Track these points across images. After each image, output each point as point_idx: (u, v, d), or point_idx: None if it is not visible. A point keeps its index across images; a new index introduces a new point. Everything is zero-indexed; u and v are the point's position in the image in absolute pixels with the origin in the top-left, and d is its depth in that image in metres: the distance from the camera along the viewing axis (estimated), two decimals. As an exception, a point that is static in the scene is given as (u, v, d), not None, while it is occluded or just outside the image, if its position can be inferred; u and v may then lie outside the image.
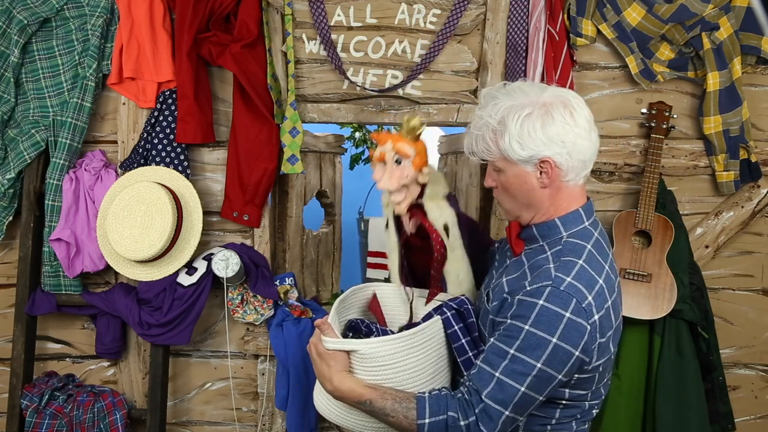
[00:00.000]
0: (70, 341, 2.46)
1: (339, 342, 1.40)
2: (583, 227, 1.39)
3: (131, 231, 2.16)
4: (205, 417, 2.48)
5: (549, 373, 1.27)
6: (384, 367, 1.37)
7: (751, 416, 2.45)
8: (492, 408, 1.28)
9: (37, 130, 2.33)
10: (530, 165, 1.36)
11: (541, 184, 1.37)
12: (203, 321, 2.39)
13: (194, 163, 2.37)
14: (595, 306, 1.28)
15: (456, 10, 2.27)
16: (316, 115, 2.37)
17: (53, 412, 2.28)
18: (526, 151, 1.33)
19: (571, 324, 1.26)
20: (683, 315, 2.23)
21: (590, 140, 1.34)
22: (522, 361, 1.27)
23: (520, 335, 1.28)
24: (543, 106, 1.33)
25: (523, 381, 1.27)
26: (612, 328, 1.34)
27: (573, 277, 1.29)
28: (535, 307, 1.27)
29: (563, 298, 1.27)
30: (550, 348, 1.26)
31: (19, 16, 2.29)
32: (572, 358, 1.28)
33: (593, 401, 1.42)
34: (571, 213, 1.39)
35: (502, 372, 1.28)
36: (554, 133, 1.32)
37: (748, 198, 2.38)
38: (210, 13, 2.24)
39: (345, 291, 1.65)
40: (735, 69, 2.27)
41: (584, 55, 2.36)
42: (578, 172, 1.36)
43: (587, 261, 1.32)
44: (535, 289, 1.29)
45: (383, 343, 1.38)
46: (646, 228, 2.27)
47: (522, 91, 1.37)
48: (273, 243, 2.44)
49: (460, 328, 1.45)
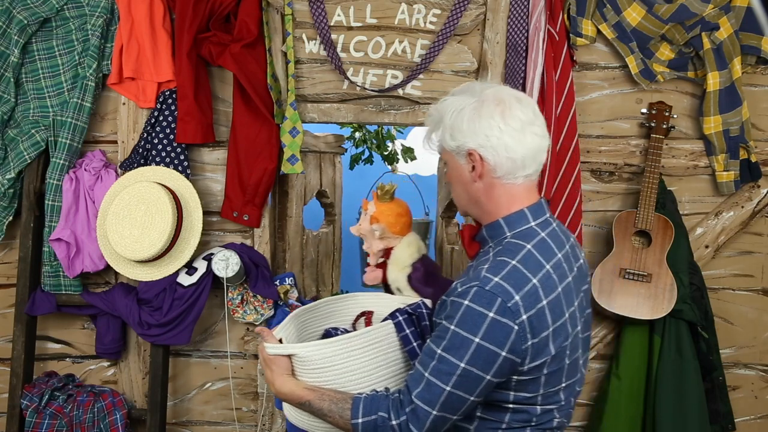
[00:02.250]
0: (70, 341, 2.46)
1: (278, 347, 1.46)
2: (528, 227, 1.40)
3: (131, 231, 2.16)
4: (205, 417, 2.48)
5: (475, 373, 1.28)
6: (323, 369, 1.41)
7: (751, 416, 2.45)
8: (420, 408, 1.30)
9: (37, 130, 2.33)
10: (461, 157, 1.41)
11: (473, 178, 1.41)
12: (203, 321, 2.39)
13: (194, 163, 2.38)
14: (523, 306, 1.28)
15: (456, 10, 2.27)
16: (316, 115, 2.37)
17: (53, 412, 2.28)
18: (454, 141, 1.40)
19: (495, 324, 1.27)
20: (683, 315, 2.23)
21: (520, 140, 1.36)
22: (447, 361, 1.29)
23: (446, 335, 1.30)
24: (477, 101, 1.39)
25: (448, 380, 1.29)
26: (549, 328, 1.32)
27: (501, 277, 1.29)
28: (461, 308, 1.29)
29: (488, 298, 1.28)
30: (473, 348, 1.27)
31: (19, 16, 2.29)
32: (498, 359, 1.28)
33: (546, 406, 1.39)
34: (516, 213, 1.41)
35: (430, 372, 1.30)
36: (478, 126, 1.37)
37: (748, 198, 2.38)
38: (210, 13, 2.24)
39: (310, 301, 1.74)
40: (735, 69, 2.27)
41: (584, 55, 2.36)
42: (509, 170, 1.38)
43: (522, 261, 1.33)
44: (463, 290, 1.31)
45: (320, 347, 1.42)
46: (646, 228, 2.27)
47: (470, 90, 1.43)
48: (273, 243, 2.44)
49: (412, 331, 1.47)
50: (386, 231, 1.93)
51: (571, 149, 2.28)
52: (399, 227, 1.95)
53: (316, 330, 1.65)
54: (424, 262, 1.87)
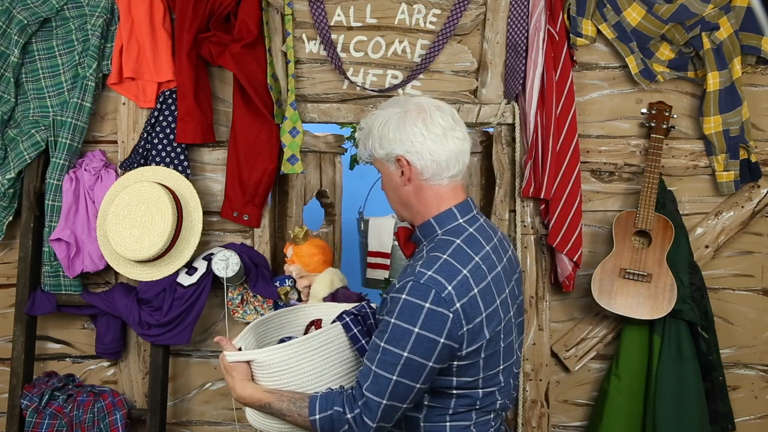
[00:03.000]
0: (70, 341, 2.46)
1: (237, 354, 1.54)
2: (456, 224, 1.50)
3: (131, 231, 2.16)
4: (205, 417, 2.48)
5: (418, 361, 1.36)
6: (280, 372, 1.49)
7: (751, 416, 2.45)
8: (371, 399, 1.38)
9: (37, 130, 2.33)
10: (391, 163, 1.52)
11: (402, 182, 1.51)
12: (203, 321, 2.39)
13: (194, 163, 2.38)
14: (456, 295, 1.37)
15: (456, 10, 2.27)
16: (316, 115, 2.37)
17: (53, 412, 2.28)
18: (383, 150, 1.51)
19: (431, 313, 1.36)
20: (683, 315, 2.23)
21: (442, 144, 1.47)
22: (390, 352, 1.37)
23: (388, 329, 1.38)
24: (401, 112, 1.49)
25: (393, 370, 1.37)
26: (482, 314, 1.41)
27: (434, 271, 1.39)
28: (399, 302, 1.38)
29: (422, 290, 1.37)
30: (413, 337, 1.36)
31: (19, 16, 2.29)
32: (438, 346, 1.37)
33: (488, 388, 1.48)
34: (445, 212, 1.51)
35: (376, 365, 1.39)
36: (403, 134, 1.48)
37: (748, 198, 2.38)
38: (210, 13, 2.24)
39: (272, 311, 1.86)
40: (735, 69, 2.27)
41: (584, 55, 2.36)
42: (435, 172, 1.48)
43: (452, 254, 1.42)
44: (400, 286, 1.40)
45: (276, 351, 1.51)
46: (646, 228, 2.27)
47: (396, 102, 1.54)
48: (273, 243, 2.44)
49: (359, 330, 1.54)
50: (302, 270, 2.25)
51: (571, 149, 2.28)
52: (313, 265, 2.26)
53: (271, 340, 1.76)
54: (337, 295, 2.16)
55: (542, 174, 2.26)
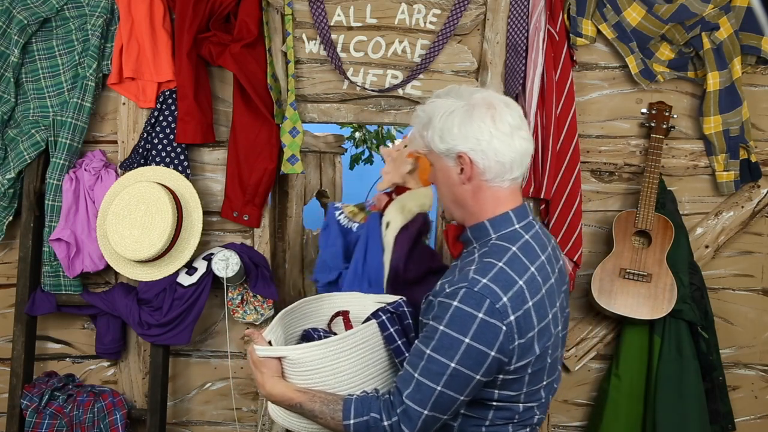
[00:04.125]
0: (70, 341, 2.46)
1: (268, 349, 1.46)
2: (512, 230, 1.42)
3: (131, 231, 2.16)
4: (205, 417, 2.48)
5: (465, 373, 1.30)
6: (313, 371, 1.42)
7: (751, 416, 2.45)
8: (411, 408, 1.31)
9: (37, 130, 2.33)
10: (450, 159, 1.42)
11: (461, 180, 1.42)
12: (203, 321, 2.39)
13: (194, 163, 2.38)
14: (510, 307, 1.30)
15: (456, 10, 2.27)
16: (316, 115, 2.37)
17: (53, 412, 2.28)
18: (444, 144, 1.41)
19: (484, 324, 1.29)
20: (683, 315, 2.23)
21: (509, 144, 1.38)
22: (436, 361, 1.30)
23: (435, 336, 1.31)
24: (468, 105, 1.40)
25: (438, 380, 1.30)
26: (534, 329, 1.35)
27: (489, 279, 1.31)
28: (450, 308, 1.31)
29: (476, 299, 1.30)
30: (463, 348, 1.29)
31: (19, 16, 2.29)
32: (488, 359, 1.30)
33: (528, 403, 1.42)
34: (501, 215, 1.43)
35: (420, 373, 1.32)
36: (469, 130, 1.38)
37: (748, 198, 2.38)
38: (210, 13, 2.24)
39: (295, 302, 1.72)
40: (735, 69, 2.27)
41: (584, 55, 2.36)
42: (498, 173, 1.40)
43: (508, 262, 1.35)
44: (452, 291, 1.32)
45: (309, 349, 1.43)
46: (646, 228, 2.27)
47: (459, 93, 1.45)
48: (273, 243, 2.44)
49: (396, 330, 1.49)
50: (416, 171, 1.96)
51: (571, 149, 2.28)
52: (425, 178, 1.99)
53: (295, 331, 1.67)
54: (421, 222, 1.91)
55: (542, 174, 2.26)
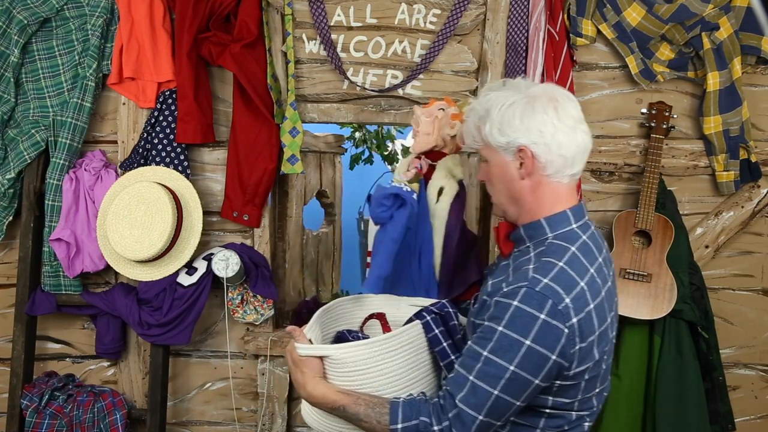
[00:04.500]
0: (70, 341, 2.46)
1: (311, 348, 1.40)
2: (569, 229, 1.37)
3: (131, 231, 2.16)
4: (205, 417, 2.48)
5: (524, 377, 1.24)
6: (357, 372, 1.36)
7: (751, 416, 2.45)
8: (465, 413, 1.25)
9: (37, 130, 2.33)
10: (510, 153, 1.37)
11: (520, 175, 1.37)
12: (203, 321, 2.39)
13: (194, 163, 2.37)
14: (573, 309, 1.25)
15: (456, 10, 2.27)
16: (316, 115, 2.37)
17: (53, 412, 2.28)
18: (504, 137, 1.35)
19: (546, 326, 1.23)
20: (683, 315, 2.23)
21: (572, 138, 1.34)
22: (495, 364, 1.24)
23: (493, 337, 1.25)
24: (528, 97, 1.35)
25: (496, 384, 1.24)
26: (595, 333, 1.29)
27: (550, 279, 1.26)
28: (509, 308, 1.25)
29: (538, 299, 1.24)
30: (523, 350, 1.23)
31: (19, 16, 2.29)
32: (548, 362, 1.24)
33: (582, 412, 1.37)
34: (558, 214, 1.37)
35: (475, 375, 1.26)
36: (532, 122, 1.33)
37: (748, 198, 2.38)
38: (210, 13, 2.24)
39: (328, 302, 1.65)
40: (735, 69, 2.27)
41: (584, 55, 2.36)
42: (559, 168, 1.35)
43: (569, 263, 1.30)
44: (511, 290, 1.27)
45: (355, 349, 1.37)
46: (646, 228, 2.27)
47: (515, 86, 1.40)
48: (273, 243, 2.44)
49: (440, 331, 1.44)
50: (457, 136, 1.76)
51: (571, 149, 2.27)
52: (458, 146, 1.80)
53: (329, 332, 1.60)
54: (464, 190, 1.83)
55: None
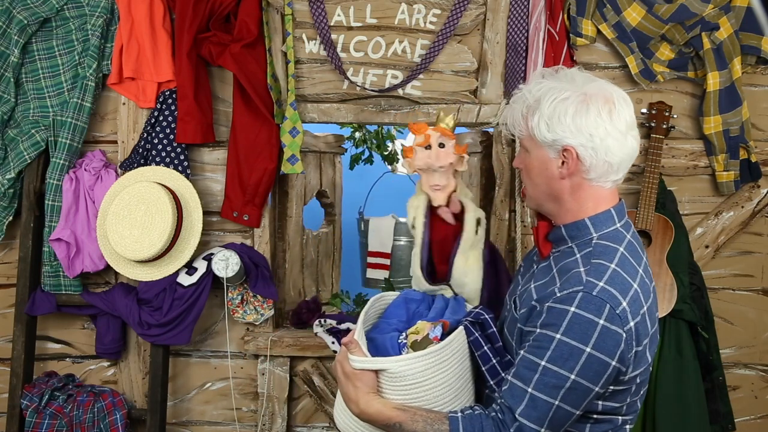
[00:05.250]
0: (70, 341, 2.46)
1: (368, 361, 1.31)
2: (614, 228, 1.32)
3: (131, 231, 2.16)
4: (205, 417, 2.48)
5: (585, 386, 1.20)
6: (415, 385, 1.30)
7: (751, 416, 2.45)
8: (527, 427, 1.21)
9: (37, 130, 2.33)
10: (553, 151, 1.31)
11: (560, 174, 1.31)
12: (203, 321, 2.39)
13: (194, 163, 2.38)
14: (630, 312, 1.20)
15: (456, 10, 2.27)
16: (316, 115, 2.37)
17: (53, 412, 2.28)
18: (552, 134, 1.29)
19: (605, 332, 1.18)
20: (683, 315, 2.23)
21: (622, 143, 1.28)
22: (555, 373, 1.19)
23: (551, 345, 1.20)
24: (583, 95, 1.28)
25: (556, 394, 1.20)
26: (648, 335, 1.26)
27: (606, 282, 1.21)
28: (566, 315, 1.20)
29: (596, 304, 1.19)
30: (584, 358, 1.18)
31: (19, 16, 2.29)
32: (608, 369, 1.20)
33: (627, 416, 1.33)
34: (603, 213, 1.32)
35: (534, 387, 1.21)
36: (584, 123, 1.26)
37: (748, 198, 2.38)
38: (210, 13, 2.24)
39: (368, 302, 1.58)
40: (735, 69, 2.27)
41: (584, 55, 2.36)
42: (603, 173, 1.30)
43: (620, 264, 1.25)
44: (565, 296, 1.21)
45: (414, 360, 1.30)
46: (646, 228, 2.27)
47: (571, 78, 1.33)
48: (273, 243, 2.44)
49: (480, 335, 1.38)
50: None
51: (571, 149, 2.27)
52: None
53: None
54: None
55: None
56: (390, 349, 1.41)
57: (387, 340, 1.43)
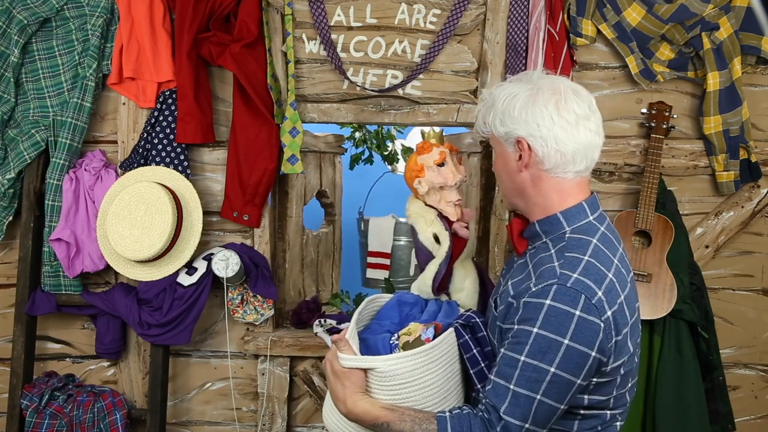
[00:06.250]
0: (70, 341, 2.46)
1: (357, 359, 1.30)
2: (587, 222, 1.34)
3: (131, 231, 2.16)
4: (205, 417, 2.48)
5: (566, 378, 1.20)
6: (403, 385, 1.29)
7: (751, 416, 2.45)
8: (512, 424, 1.21)
9: (37, 130, 2.33)
10: (510, 144, 1.36)
11: (518, 168, 1.36)
12: (203, 321, 2.39)
13: (194, 163, 2.38)
14: (606, 302, 1.22)
15: (456, 10, 2.27)
16: (316, 115, 2.37)
17: (53, 412, 2.28)
18: (504, 127, 1.35)
19: (582, 322, 1.19)
20: (683, 315, 2.23)
21: (571, 133, 1.31)
22: (533, 367, 1.20)
23: (528, 340, 1.20)
24: (532, 89, 1.33)
25: (537, 389, 1.20)
26: (627, 324, 1.27)
27: (580, 273, 1.22)
28: (542, 308, 1.20)
29: (571, 295, 1.20)
30: (562, 350, 1.19)
31: (19, 16, 2.29)
32: (589, 360, 1.20)
33: (615, 410, 1.33)
34: (574, 207, 1.34)
35: (515, 383, 1.21)
36: (530, 114, 1.31)
37: (748, 198, 2.38)
38: (210, 13, 2.24)
39: (362, 302, 1.59)
40: (735, 69, 2.27)
41: (584, 55, 2.36)
42: (558, 164, 1.32)
43: (593, 255, 1.26)
44: (540, 289, 1.23)
45: (403, 360, 1.29)
46: (646, 228, 2.27)
47: (526, 78, 1.38)
48: (273, 243, 2.44)
49: (470, 338, 1.39)
50: None
51: (571, 149, 2.27)
52: None
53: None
54: None
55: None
56: (381, 350, 1.40)
57: (379, 341, 1.43)
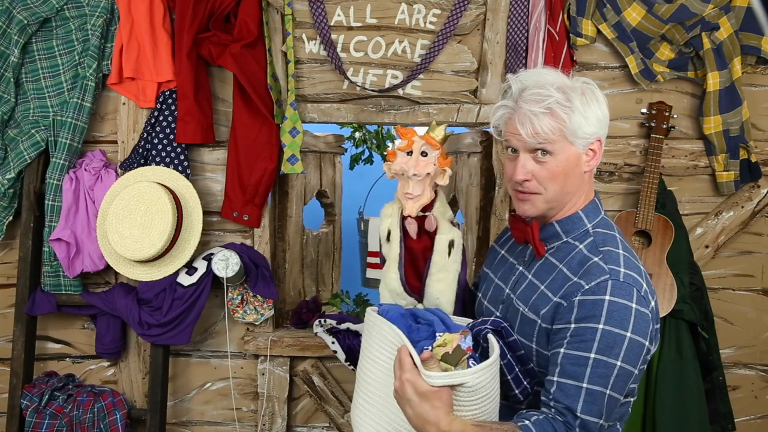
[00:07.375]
0: (70, 341, 2.46)
1: (448, 376, 1.20)
2: (601, 217, 1.37)
3: (131, 231, 2.16)
4: (205, 417, 2.48)
5: (629, 370, 1.23)
6: (485, 398, 1.24)
7: (751, 416, 2.45)
8: (590, 422, 1.21)
9: (37, 130, 2.33)
10: (583, 145, 1.33)
11: (585, 168, 1.35)
12: (203, 321, 2.39)
13: (194, 163, 2.38)
14: (650, 292, 1.27)
15: (456, 10, 2.27)
16: (316, 115, 2.37)
17: (53, 412, 2.28)
18: (591, 127, 1.31)
19: (638, 314, 1.22)
20: (683, 315, 2.23)
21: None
22: (603, 363, 1.21)
23: (595, 336, 1.21)
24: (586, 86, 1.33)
25: (606, 384, 1.21)
26: (659, 313, 1.33)
27: (625, 267, 1.25)
28: (602, 305, 1.22)
29: (626, 289, 1.23)
30: (626, 343, 1.21)
31: (19, 16, 2.29)
32: (644, 350, 1.24)
33: (630, 397, 1.36)
34: (591, 203, 1.37)
35: (588, 381, 1.21)
36: (603, 112, 1.33)
37: (748, 198, 2.38)
38: (210, 13, 2.24)
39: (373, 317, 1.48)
40: (735, 69, 2.27)
41: (584, 55, 2.36)
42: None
43: (624, 249, 1.30)
44: (595, 286, 1.23)
45: (485, 371, 1.24)
46: (646, 228, 2.27)
47: (545, 72, 1.36)
48: (273, 243, 2.44)
49: (502, 344, 1.36)
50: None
51: (571, 149, 2.28)
52: None
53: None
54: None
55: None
56: None
57: None
